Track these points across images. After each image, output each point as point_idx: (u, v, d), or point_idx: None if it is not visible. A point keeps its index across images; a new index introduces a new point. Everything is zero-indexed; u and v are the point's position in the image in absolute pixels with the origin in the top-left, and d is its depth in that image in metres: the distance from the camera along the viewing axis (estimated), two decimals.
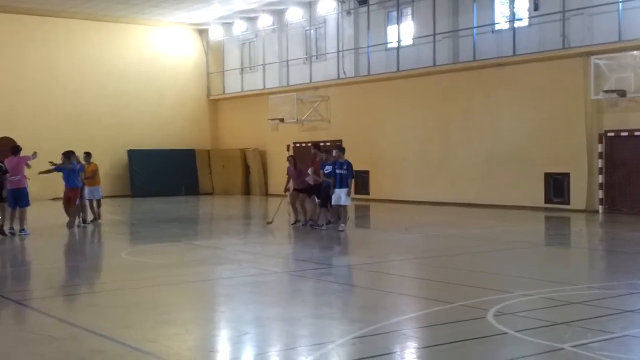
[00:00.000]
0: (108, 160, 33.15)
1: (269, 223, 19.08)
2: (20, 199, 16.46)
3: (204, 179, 35.51)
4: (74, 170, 18.06)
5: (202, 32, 36.50)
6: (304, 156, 26.10)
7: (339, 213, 17.30)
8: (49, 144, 26.86)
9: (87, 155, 20.26)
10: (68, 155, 18.37)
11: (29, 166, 16.97)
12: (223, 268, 12.26)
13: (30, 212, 17.48)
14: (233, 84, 36.05)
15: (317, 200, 17.87)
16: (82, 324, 7.83)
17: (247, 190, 34.34)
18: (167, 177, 34.11)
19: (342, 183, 16.91)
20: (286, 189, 19.62)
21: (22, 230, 16.36)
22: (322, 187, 17.43)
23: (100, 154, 32.81)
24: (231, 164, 34.75)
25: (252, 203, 30.13)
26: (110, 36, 33.87)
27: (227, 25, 35.37)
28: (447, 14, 26.10)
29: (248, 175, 34.44)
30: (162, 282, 10.84)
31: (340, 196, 16.93)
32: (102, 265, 12.96)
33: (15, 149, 17.21)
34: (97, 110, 33.23)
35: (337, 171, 16.97)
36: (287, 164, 31.56)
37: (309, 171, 18.18)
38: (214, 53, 36.67)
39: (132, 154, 33.85)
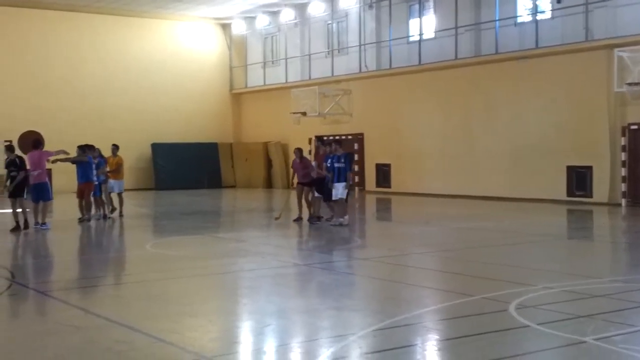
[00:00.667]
0: (132, 154, 33.40)
1: (277, 219, 18.81)
2: (41, 193, 16.35)
3: (226, 172, 35.69)
4: (90, 164, 17.90)
5: (225, 27, 36.64)
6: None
7: (335, 207, 16.92)
8: (73, 138, 27.08)
9: (115, 147, 20.24)
10: (83, 148, 18.25)
11: (49, 161, 16.99)
12: (245, 260, 12.34)
13: (56, 205, 17.68)
14: (255, 78, 36.16)
15: (316, 194, 17.53)
16: (106, 314, 7.95)
17: (269, 184, 34.46)
18: (190, 171, 34.32)
19: (340, 177, 16.57)
20: (292, 183, 19.26)
21: (43, 224, 16.34)
22: (325, 181, 17.12)
23: (124, 147, 32.91)
24: (253, 158, 34.88)
25: (274, 196, 30.22)
26: (134, 31, 34.11)
27: (250, 19, 35.46)
28: (469, 7, 25.98)
29: (270, 169, 34.55)
30: (186, 274, 10.95)
31: (338, 190, 16.57)
32: (127, 258, 13.11)
33: (36, 142, 17.11)
34: (121, 105, 33.51)
35: (335, 165, 16.64)
36: (308, 157, 31.87)
37: (313, 164, 18.01)
38: (237, 47, 36.79)
39: (156, 147, 34.09)
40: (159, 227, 19.22)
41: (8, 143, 17.47)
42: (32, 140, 17.43)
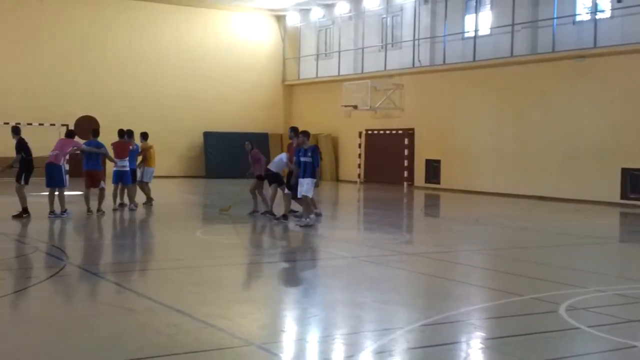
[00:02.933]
0: (184, 142, 33.96)
1: (222, 211, 18.01)
2: (53, 175, 15.67)
3: None
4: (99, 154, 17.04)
5: (280, 18, 36.79)
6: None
7: (302, 205, 15.65)
8: (127, 124, 27.38)
9: (142, 136, 19.35)
10: (124, 133, 17.99)
11: (76, 150, 16.86)
12: (293, 251, 12.43)
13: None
14: (308, 70, 36.25)
15: (286, 190, 16.53)
16: (158, 298, 8.09)
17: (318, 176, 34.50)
18: (240, 160, 34.48)
19: (306, 172, 15.06)
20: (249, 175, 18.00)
21: (63, 212, 15.79)
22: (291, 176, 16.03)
23: (177, 135, 33.67)
24: None
25: (323, 188, 30.29)
26: (190, 20, 34.51)
27: (305, 11, 35.56)
28: (527, 4, 25.63)
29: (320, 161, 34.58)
30: (235, 261, 11.09)
31: (302, 186, 15.13)
32: (178, 243, 13.30)
33: (69, 133, 16.91)
34: (175, 93, 33.95)
35: (302, 159, 15.16)
36: (357, 151, 31.90)
37: (283, 157, 16.84)
38: (291, 39, 36.93)
39: (208, 136, 34.47)
40: (209, 215, 19.43)
41: (15, 125, 17.22)
42: (67, 130, 17.22)
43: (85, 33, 32.36)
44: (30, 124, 28.07)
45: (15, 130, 16.11)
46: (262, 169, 17.17)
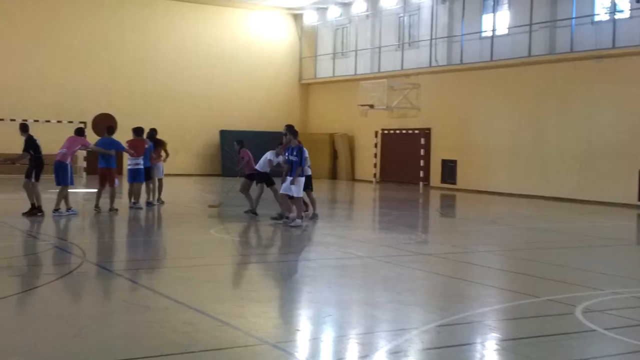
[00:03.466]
0: (201, 140, 34.09)
1: (212, 206, 18.13)
2: (59, 173, 15.62)
3: None
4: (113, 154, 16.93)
5: (297, 17, 36.82)
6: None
7: (286, 204, 15.48)
8: (145, 122, 27.61)
9: (151, 132, 19.00)
10: (138, 131, 17.90)
11: (85, 148, 16.74)
12: (308, 250, 12.45)
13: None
14: (325, 69, 36.26)
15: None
16: (174, 296, 8.13)
17: (334, 175, 34.56)
18: (256, 159, 34.57)
19: (292, 171, 14.99)
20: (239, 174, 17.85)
21: (68, 209, 15.78)
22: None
23: (194, 133, 33.80)
24: (319, 148, 34.96)
25: (339, 187, 30.31)
26: (207, 18, 34.62)
27: (322, 10, 35.56)
28: (545, 4, 25.51)
29: (335, 160, 34.64)
30: (250, 260, 11.12)
31: (288, 185, 14.97)
32: (193, 241, 13.35)
33: (79, 130, 16.84)
34: (192, 91, 34.09)
35: (290, 158, 15.14)
36: (373, 150, 31.87)
37: (267, 155, 16.82)
38: (308, 38, 36.95)
39: (224, 134, 34.55)
40: (224, 213, 19.47)
41: (23, 122, 17.04)
42: (76, 128, 16.90)
43: (104, 31, 32.55)
44: (49, 121, 28.30)
45: (23, 128, 15.98)
46: (251, 168, 17.17)
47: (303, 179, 15.08)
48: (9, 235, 13.62)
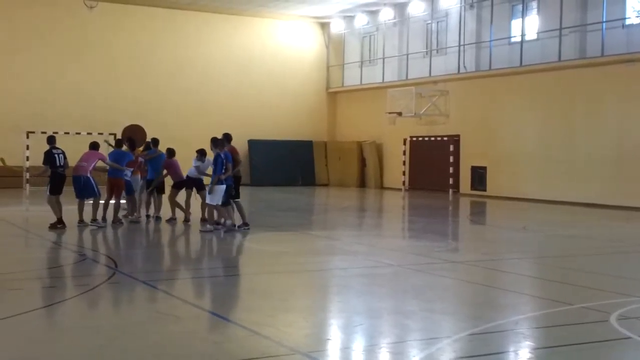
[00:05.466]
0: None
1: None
2: (84, 187, 15.47)
3: (320, 171, 35.94)
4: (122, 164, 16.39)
5: (324, 25, 36.90)
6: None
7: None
8: (173, 132, 27.99)
9: (152, 142, 18.19)
10: (123, 144, 17.40)
11: (103, 162, 16.14)
12: (338, 259, 12.41)
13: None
14: (352, 77, 36.25)
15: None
16: (204, 306, 8.16)
17: (362, 183, 34.50)
18: (284, 168, 34.75)
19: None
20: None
21: (92, 221, 15.62)
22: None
23: None
24: (347, 156, 35.00)
25: (367, 196, 30.25)
26: (236, 29, 34.82)
27: (349, 18, 35.59)
28: (575, 8, 25.27)
29: (364, 168, 34.59)
30: (280, 269, 11.11)
31: (207, 194, 15.21)
32: (225, 251, 13.39)
33: (93, 145, 16.23)
34: (221, 101, 34.28)
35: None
36: (402, 158, 31.77)
37: (194, 163, 16.52)
38: (335, 46, 36.99)
39: (252, 144, 34.68)
40: (254, 222, 19.50)
41: (50, 135, 16.86)
42: (90, 142, 16.42)
43: (133, 42, 32.86)
44: (79, 133, 28.59)
45: (48, 140, 15.91)
46: (178, 177, 16.91)
47: (221, 187, 14.89)
48: (40, 246, 13.78)
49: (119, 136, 30.02)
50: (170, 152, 17.11)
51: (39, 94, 30.87)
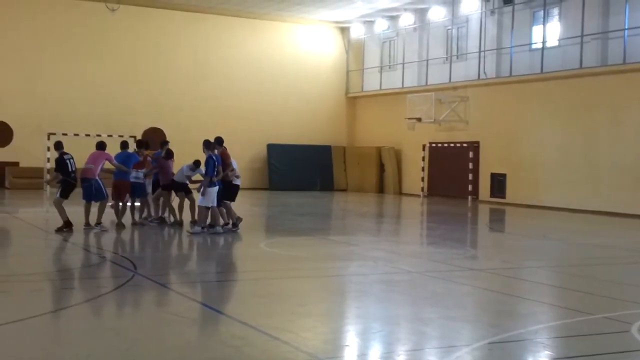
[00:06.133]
0: (248, 154, 34.30)
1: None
2: (91, 190, 15.45)
3: (338, 176, 35.93)
4: (129, 166, 16.32)
5: (344, 30, 36.92)
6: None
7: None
8: (192, 135, 28.01)
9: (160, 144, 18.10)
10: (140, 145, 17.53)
11: (110, 163, 16.00)
12: (357, 264, 12.40)
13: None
14: (372, 82, 36.24)
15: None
16: (223, 309, 8.17)
17: (380, 188, 34.45)
18: (303, 172, 34.78)
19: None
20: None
21: (97, 224, 15.49)
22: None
23: (241, 147, 33.99)
24: (366, 162, 34.97)
25: (386, 201, 30.20)
26: (255, 33, 34.93)
27: (369, 23, 35.59)
28: (597, 15, 25.11)
29: (382, 174, 34.54)
30: (299, 274, 11.12)
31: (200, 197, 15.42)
32: (242, 255, 13.42)
33: (100, 144, 16.09)
34: (240, 105, 34.38)
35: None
36: (421, 164, 31.68)
37: (184, 168, 16.67)
38: (355, 51, 37.01)
39: (271, 148, 34.75)
40: (272, 227, 19.55)
41: (58, 141, 16.82)
42: (97, 142, 16.34)
43: (154, 45, 33.06)
44: (99, 135, 28.77)
45: (55, 146, 15.87)
46: (167, 179, 16.82)
47: (214, 189, 15.14)
48: (60, 248, 13.88)
49: (139, 138, 30.35)
50: (168, 153, 17.03)
51: (61, 95, 31.12)
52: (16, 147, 30.07)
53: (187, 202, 16.98)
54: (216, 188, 15.27)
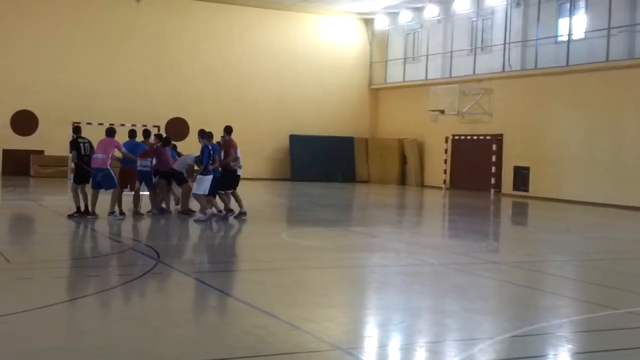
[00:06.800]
0: (271, 144, 34.41)
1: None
2: (103, 180, 15.42)
3: (360, 167, 35.88)
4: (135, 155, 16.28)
5: (368, 22, 36.79)
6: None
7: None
8: (216, 126, 27.97)
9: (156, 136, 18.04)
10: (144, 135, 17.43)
11: (120, 151, 15.99)
12: (379, 256, 12.40)
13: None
14: (395, 74, 36.12)
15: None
16: (245, 299, 8.20)
17: (402, 181, 34.36)
18: (325, 163, 34.76)
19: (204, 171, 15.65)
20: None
21: (110, 213, 15.46)
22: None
23: (264, 137, 34.14)
24: (388, 154, 34.88)
25: (408, 193, 30.13)
26: (279, 24, 34.91)
27: (393, 15, 35.44)
28: (624, 7, 24.82)
29: (404, 166, 34.44)
30: (321, 264, 11.14)
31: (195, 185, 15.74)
32: (264, 245, 13.45)
33: (109, 131, 15.98)
34: (263, 96, 34.41)
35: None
36: (443, 156, 31.56)
37: (187, 159, 16.92)
38: (378, 43, 36.88)
39: (294, 139, 34.76)
40: (294, 218, 19.58)
41: (76, 125, 17.21)
42: (107, 129, 16.23)
43: (177, 36, 33.15)
44: (123, 125, 28.95)
45: (74, 130, 16.36)
46: (167, 167, 16.77)
47: (207, 178, 15.45)
48: (84, 235, 14.01)
49: (162, 129, 30.48)
50: (166, 141, 17.01)
51: (85, 85, 31.33)
52: (41, 136, 30.36)
53: (179, 190, 16.98)
54: (211, 176, 15.53)
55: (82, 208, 15.62)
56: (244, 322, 7.21)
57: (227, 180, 16.21)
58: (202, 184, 15.50)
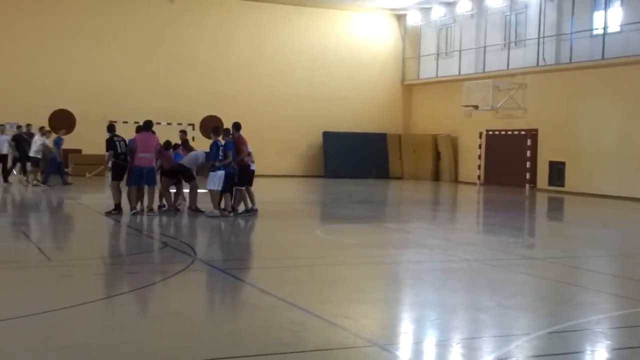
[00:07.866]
0: (304, 142, 34.49)
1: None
2: (150, 177, 15.84)
3: (394, 163, 35.80)
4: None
5: (400, 17, 36.67)
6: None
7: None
8: (249, 123, 28.21)
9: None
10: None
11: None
12: (413, 252, 12.38)
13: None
14: (428, 70, 35.96)
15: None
16: (282, 295, 8.25)
17: (436, 176, 34.21)
18: (359, 160, 34.74)
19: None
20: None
21: (149, 210, 15.94)
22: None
23: (297, 135, 34.26)
24: (422, 149, 34.76)
25: (442, 189, 30.01)
26: (311, 21, 34.96)
27: (426, 10, 35.28)
28: None
29: (438, 161, 34.30)
30: (355, 261, 11.17)
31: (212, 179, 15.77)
32: (299, 242, 13.52)
33: (147, 124, 16.18)
34: (295, 93, 34.49)
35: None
36: (477, 152, 31.32)
37: (199, 155, 16.81)
38: (411, 38, 36.75)
39: (327, 135, 34.79)
40: (328, 214, 19.62)
41: (110, 123, 17.25)
42: (144, 122, 16.47)
43: (210, 34, 33.38)
44: (159, 123, 29.23)
45: (108, 128, 16.55)
46: (171, 165, 16.77)
47: (219, 173, 15.53)
48: (122, 233, 14.20)
49: (197, 126, 30.76)
50: (166, 144, 17.00)
51: (121, 84, 31.69)
52: (79, 135, 30.76)
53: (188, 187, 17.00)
54: (222, 172, 15.58)
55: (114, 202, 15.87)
56: (278, 319, 7.27)
57: (243, 175, 16.25)
58: (214, 180, 15.64)
